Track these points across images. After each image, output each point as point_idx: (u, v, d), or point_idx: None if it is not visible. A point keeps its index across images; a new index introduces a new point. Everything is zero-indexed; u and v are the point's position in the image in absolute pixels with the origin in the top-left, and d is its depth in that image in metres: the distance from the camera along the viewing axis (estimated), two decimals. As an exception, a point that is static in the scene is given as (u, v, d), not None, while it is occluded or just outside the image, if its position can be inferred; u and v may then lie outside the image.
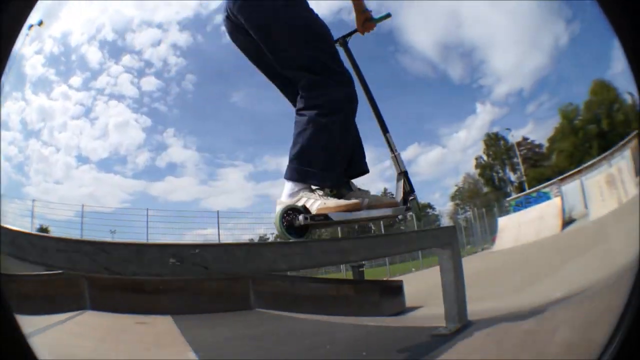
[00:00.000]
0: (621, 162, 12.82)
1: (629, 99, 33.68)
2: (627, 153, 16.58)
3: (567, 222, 13.41)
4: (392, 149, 2.10)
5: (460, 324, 1.94)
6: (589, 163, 21.71)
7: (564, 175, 22.66)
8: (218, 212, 10.56)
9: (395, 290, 5.28)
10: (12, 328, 0.85)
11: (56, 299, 3.02)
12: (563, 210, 13.78)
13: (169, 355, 2.37)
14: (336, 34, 2.14)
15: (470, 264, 11.62)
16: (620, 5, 0.82)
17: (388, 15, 2.26)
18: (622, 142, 18.48)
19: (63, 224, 11.49)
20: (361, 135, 2.05)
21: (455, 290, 1.97)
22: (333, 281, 5.85)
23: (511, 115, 50.72)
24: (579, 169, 18.60)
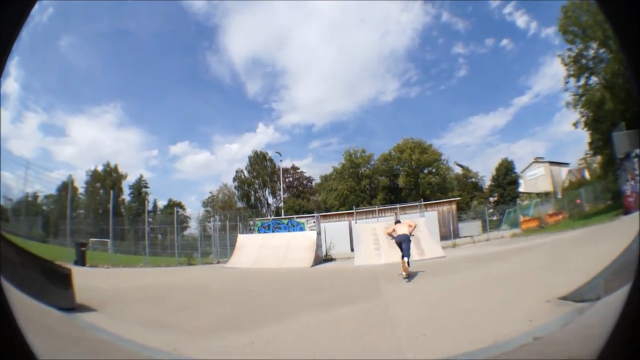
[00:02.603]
0: (420, 219, 13.50)
1: (458, 170, 35.22)
2: (434, 214, 19.06)
3: (324, 259, 13.82)
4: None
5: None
6: (368, 209, 22.97)
7: (331, 212, 23.43)
8: None
9: (61, 278, 4.18)
10: (12, 328, 0.85)
11: None
12: (319, 246, 14.05)
13: None
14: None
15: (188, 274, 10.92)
16: (620, 5, 0.80)
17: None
18: (427, 202, 21.39)
19: None
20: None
21: None
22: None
23: (291, 145, 45.12)
24: (355, 210, 19.65)
